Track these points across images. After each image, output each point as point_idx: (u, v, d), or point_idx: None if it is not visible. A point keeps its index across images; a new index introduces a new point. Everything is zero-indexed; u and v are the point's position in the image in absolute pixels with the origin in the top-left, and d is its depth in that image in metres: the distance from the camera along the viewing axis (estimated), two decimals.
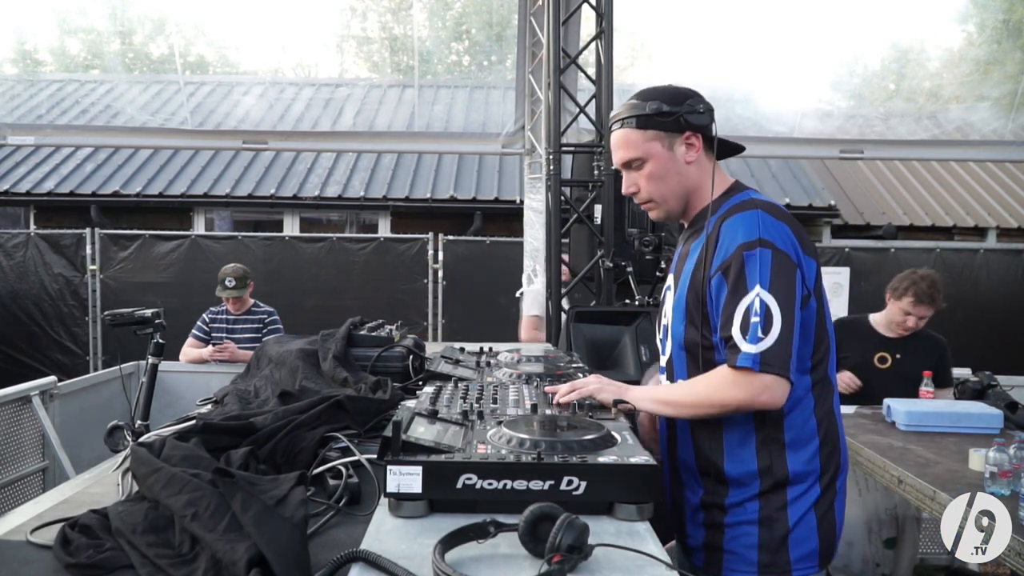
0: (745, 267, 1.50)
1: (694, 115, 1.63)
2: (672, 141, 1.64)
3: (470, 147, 7.93)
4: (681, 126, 1.63)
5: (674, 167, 1.66)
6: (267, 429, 1.55)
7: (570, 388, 1.65)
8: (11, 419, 3.83)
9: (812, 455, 1.60)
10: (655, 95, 1.65)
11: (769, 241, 1.51)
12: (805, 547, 1.59)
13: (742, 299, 1.50)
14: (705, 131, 1.65)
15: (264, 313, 4.85)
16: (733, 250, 1.53)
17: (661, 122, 1.63)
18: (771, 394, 1.49)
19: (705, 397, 1.57)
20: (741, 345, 1.49)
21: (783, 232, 1.54)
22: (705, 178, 1.67)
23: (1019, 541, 1.83)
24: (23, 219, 9.22)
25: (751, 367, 1.47)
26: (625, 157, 1.68)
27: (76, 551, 1.13)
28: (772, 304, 1.48)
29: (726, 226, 1.57)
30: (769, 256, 1.50)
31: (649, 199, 1.70)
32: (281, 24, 10.54)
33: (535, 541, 1.05)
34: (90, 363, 7.35)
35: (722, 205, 1.64)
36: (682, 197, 1.69)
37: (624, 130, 1.67)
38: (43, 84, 10.96)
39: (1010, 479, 2.19)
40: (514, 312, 6.28)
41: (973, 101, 7.52)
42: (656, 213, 1.73)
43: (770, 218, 1.55)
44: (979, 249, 7.58)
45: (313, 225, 9.58)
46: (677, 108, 1.62)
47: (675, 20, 10.90)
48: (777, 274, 1.50)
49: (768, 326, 1.47)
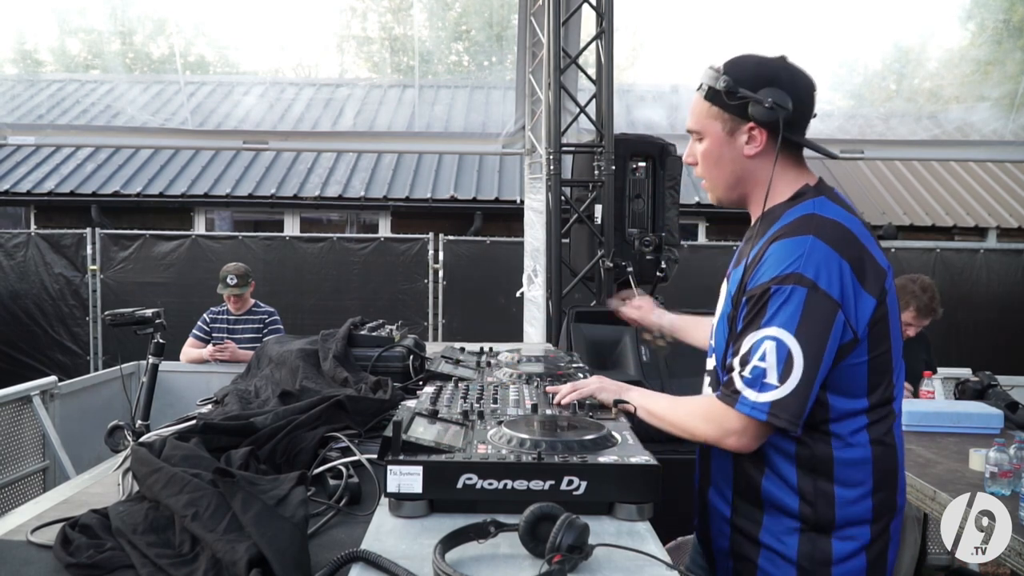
0: (769, 303, 1.36)
1: (759, 107, 1.42)
2: (735, 126, 1.47)
3: (470, 147, 7.92)
4: (746, 114, 1.45)
5: (730, 154, 1.49)
6: (267, 429, 1.55)
7: (571, 388, 1.65)
8: (11, 419, 3.83)
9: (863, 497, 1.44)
10: (735, 68, 1.46)
11: (806, 277, 1.34)
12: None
13: (748, 333, 1.38)
14: (772, 128, 1.44)
15: (265, 313, 4.86)
16: (765, 280, 1.38)
17: (726, 103, 1.45)
18: (746, 440, 1.40)
19: (679, 420, 1.51)
20: (740, 387, 1.38)
21: (832, 265, 1.35)
22: (768, 175, 1.48)
23: (1019, 541, 1.83)
24: (23, 219, 9.22)
25: (752, 415, 1.36)
26: (688, 125, 1.54)
27: (76, 551, 1.13)
28: (795, 350, 1.33)
29: (772, 249, 1.39)
30: (802, 296, 1.33)
31: (702, 177, 1.57)
32: (281, 24, 10.52)
33: (535, 541, 1.05)
34: (90, 363, 7.36)
35: (782, 215, 1.46)
36: (735, 187, 1.53)
37: (697, 95, 1.51)
38: (43, 84, 10.95)
39: (1010, 479, 2.19)
40: (514, 312, 6.28)
41: (973, 101, 7.51)
42: (709, 194, 1.60)
43: (822, 246, 1.36)
44: (979, 249, 7.58)
45: (313, 225, 9.58)
46: (748, 92, 1.43)
47: (676, 20, 10.90)
48: (808, 317, 1.33)
49: (787, 374, 1.33)
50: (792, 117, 1.44)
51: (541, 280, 5.34)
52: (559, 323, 4.50)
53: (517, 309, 6.06)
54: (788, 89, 1.44)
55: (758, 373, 1.36)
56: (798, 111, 1.45)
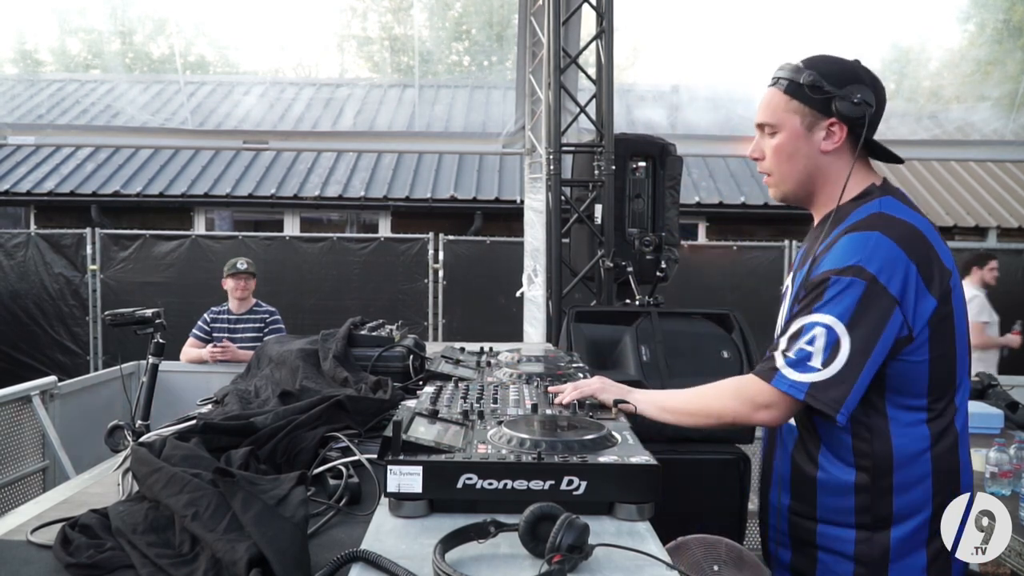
0: (826, 291, 1.39)
1: (846, 103, 1.45)
2: (814, 121, 1.49)
3: (470, 147, 7.93)
4: (828, 110, 1.48)
5: (806, 149, 1.51)
6: (267, 429, 1.55)
7: (572, 388, 1.65)
8: (11, 419, 3.83)
9: (924, 493, 1.47)
10: (819, 64, 1.49)
11: (867, 271, 1.37)
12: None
13: (800, 318, 1.42)
14: (854, 124, 1.48)
15: (266, 313, 4.85)
16: (825, 269, 1.41)
17: (809, 97, 1.48)
18: (776, 414, 1.44)
19: (703, 405, 1.53)
20: (780, 365, 1.41)
21: (897, 263, 1.38)
22: (841, 174, 1.51)
23: (1019, 541, 1.83)
24: (23, 219, 9.23)
25: (790, 393, 1.40)
26: (761, 118, 1.55)
27: (76, 551, 1.13)
28: (844, 340, 1.36)
29: (841, 242, 1.43)
30: (860, 289, 1.37)
31: (769, 172, 1.57)
32: (281, 24, 10.53)
33: (535, 541, 1.05)
34: (90, 363, 7.36)
35: (851, 213, 1.48)
36: (804, 184, 1.55)
37: (773, 89, 1.53)
38: (43, 84, 10.96)
39: (1010, 479, 2.19)
40: (514, 312, 6.28)
41: (974, 101, 7.51)
42: (772, 190, 1.60)
43: (888, 243, 1.39)
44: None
45: (313, 225, 9.58)
46: (832, 88, 1.46)
47: (675, 20, 10.90)
48: (863, 310, 1.36)
49: (831, 359, 1.37)
50: (873, 116, 1.48)
51: (541, 280, 5.34)
52: (559, 323, 4.50)
53: (517, 309, 6.07)
54: (871, 87, 1.48)
55: (803, 355, 1.40)
56: (878, 110, 1.49)
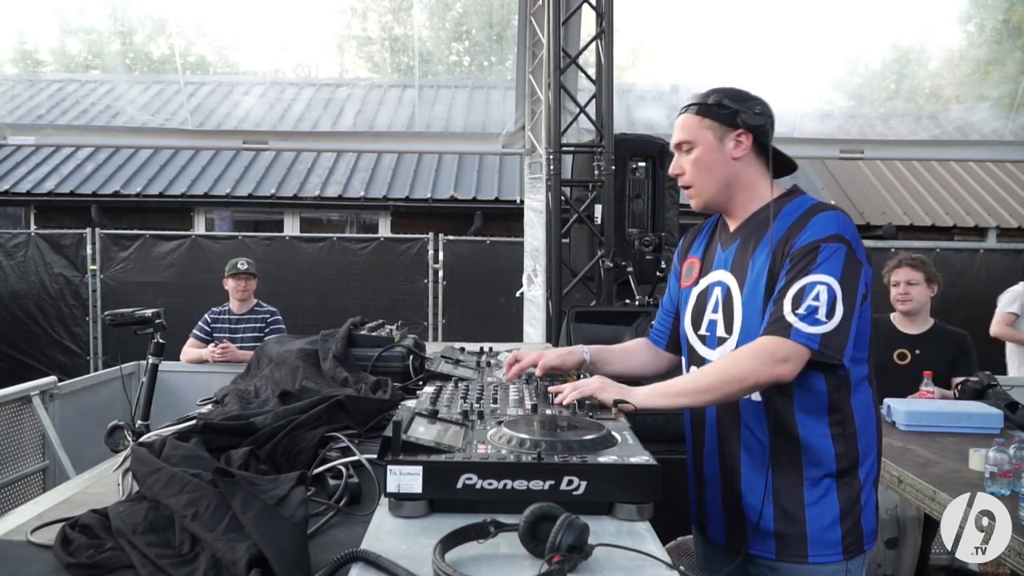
0: (819, 256, 1.60)
1: (749, 115, 1.72)
2: (724, 134, 1.74)
3: (470, 147, 7.93)
4: (735, 122, 1.73)
5: (719, 158, 1.75)
6: (267, 429, 1.55)
7: (572, 388, 1.66)
8: (11, 419, 3.83)
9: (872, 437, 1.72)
10: (721, 91, 1.76)
11: (845, 238, 1.63)
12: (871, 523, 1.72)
13: (800, 279, 1.59)
14: (756, 132, 1.74)
15: (267, 313, 4.85)
16: (813, 240, 1.62)
17: (718, 113, 1.73)
18: (793, 366, 1.57)
19: (717, 376, 1.63)
20: (792, 321, 1.57)
21: (856, 236, 1.67)
22: (752, 178, 1.77)
23: (1019, 541, 1.83)
24: (23, 219, 9.23)
25: (807, 344, 1.56)
26: (677, 139, 1.79)
27: (76, 551, 1.13)
28: (839, 294, 1.58)
29: (813, 221, 1.65)
30: (844, 252, 1.61)
31: (690, 184, 1.80)
32: (281, 24, 10.54)
33: (535, 541, 1.05)
34: (90, 363, 7.36)
35: (787, 205, 1.74)
36: (722, 190, 1.77)
37: (685, 115, 1.78)
38: (43, 84, 10.96)
39: (1010, 479, 2.19)
40: (514, 312, 6.28)
41: (973, 101, 7.52)
42: (694, 201, 1.82)
43: (847, 219, 1.68)
44: (979, 249, 7.59)
45: (313, 225, 9.58)
46: (735, 105, 1.73)
47: (675, 20, 10.91)
48: (848, 270, 1.61)
49: (832, 312, 1.57)
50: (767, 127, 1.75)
51: (541, 280, 5.34)
52: (559, 323, 4.50)
53: (517, 309, 6.07)
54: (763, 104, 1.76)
55: (811, 310, 1.58)
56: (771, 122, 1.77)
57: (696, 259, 1.90)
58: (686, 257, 1.95)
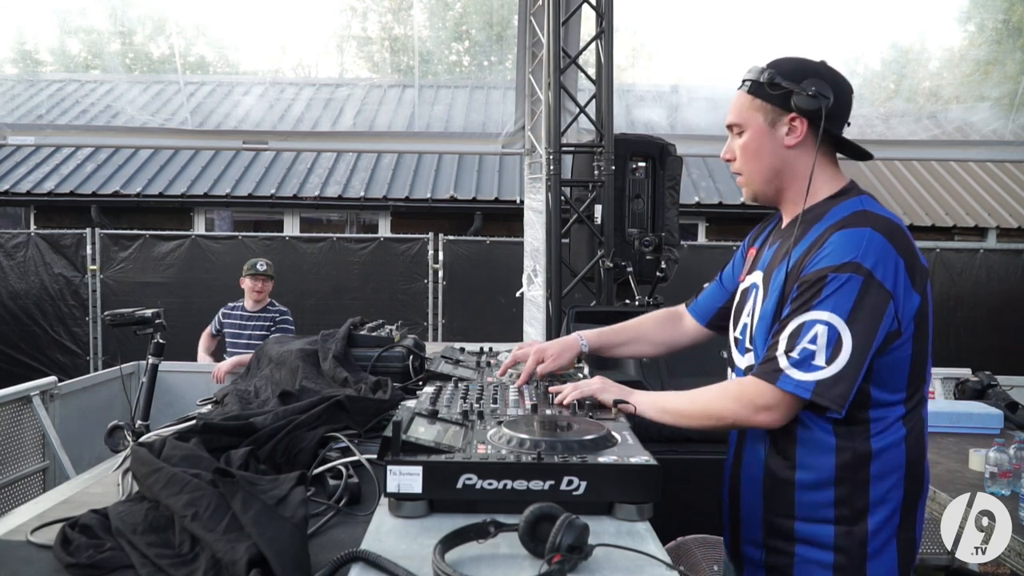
0: (824, 289, 1.40)
1: (802, 97, 1.49)
2: (776, 117, 1.52)
3: (470, 147, 7.92)
4: (788, 105, 1.50)
5: (770, 146, 1.54)
6: (267, 429, 1.55)
7: (573, 388, 1.65)
8: (11, 419, 3.83)
9: (895, 482, 1.48)
10: (779, 63, 1.53)
11: (863, 267, 1.39)
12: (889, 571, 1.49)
13: (799, 316, 1.41)
14: (813, 117, 1.50)
15: (276, 312, 4.85)
16: (822, 267, 1.41)
17: (769, 94, 1.51)
18: (778, 415, 1.43)
19: (701, 407, 1.52)
20: (783, 366, 1.41)
21: (888, 259, 1.40)
22: (806, 170, 1.53)
23: (1019, 541, 1.83)
24: (23, 219, 9.23)
25: (796, 392, 1.40)
26: (730, 119, 1.59)
27: (76, 551, 1.13)
28: (844, 334, 1.37)
29: (833, 239, 1.43)
30: (858, 284, 1.38)
31: (740, 171, 1.60)
32: (281, 24, 10.53)
33: (535, 541, 1.05)
34: (90, 363, 7.36)
35: (831, 209, 1.51)
36: (771, 181, 1.57)
37: (740, 91, 1.57)
38: (43, 84, 10.94)
39: (1010, 479, 2.19)
40: (514, 312, 6.28)
41: (973, 101, 7.51)
42: (745, 191, 1.63)
43: (880, 239, 1.41)
44: (979, 249, 7.59)
45: (313, 225, 9.58)
46: (789, 84, 1.49)
47: (675, 20, 10.90)
48: (862, 307, 1.38)
49: (833, 357, 1.38)
50: (832, 110, 1.50)
51: (541, 280, 5.34)
52: (559, 323, 4.50)
53: (517, 309, 6.06)
54: (829, 82, 1.50)
55: (807, 354, 1.40)
56: (838, 104, 1.51)
57: (755, 251, 1.69)
58: (751, 245, 1.74)
